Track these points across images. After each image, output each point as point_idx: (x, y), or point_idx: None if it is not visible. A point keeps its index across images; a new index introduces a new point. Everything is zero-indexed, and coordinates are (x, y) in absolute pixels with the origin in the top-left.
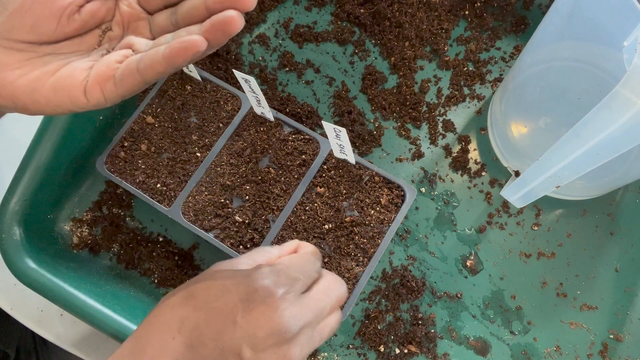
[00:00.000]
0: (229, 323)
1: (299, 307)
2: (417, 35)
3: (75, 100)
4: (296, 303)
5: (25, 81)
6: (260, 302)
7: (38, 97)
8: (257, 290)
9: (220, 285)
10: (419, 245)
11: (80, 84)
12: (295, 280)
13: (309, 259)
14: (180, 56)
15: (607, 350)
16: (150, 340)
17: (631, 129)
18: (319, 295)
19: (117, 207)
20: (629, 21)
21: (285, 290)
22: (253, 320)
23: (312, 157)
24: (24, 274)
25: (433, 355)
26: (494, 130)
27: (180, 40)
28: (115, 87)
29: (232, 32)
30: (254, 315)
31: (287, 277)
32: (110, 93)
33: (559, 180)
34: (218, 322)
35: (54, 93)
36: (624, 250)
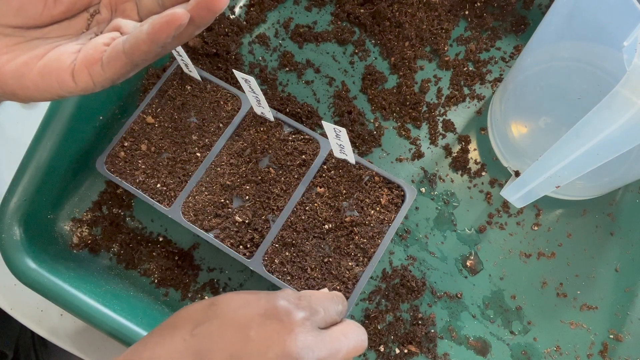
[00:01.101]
0: (242, 336)
1: (314, 338)
2: (417, 35)
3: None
4: (312, 333)
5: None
6: (277, 320)
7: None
8: (277, 308)
9: (242, 298)
10: (419, 245)
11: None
12: (316, 311)
13: (332, 297)
14: (163, 31)
15: (607, 350)
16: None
17: (631, 129)
18: (338, 335)
19: (117, 207)
20: (629, 21)
21: (305, 316)
22: (266, 338)
23: (312, 157)
24: (24, 274)
25: (433, 355)
26: (494, 130)
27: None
28: (102, 70)
29: (216, 9)
30: (268, 332)
31: (309, 305)
32: (98, 76)
33: (559, 180)
34: (232, 332)
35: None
36: (624, 250)
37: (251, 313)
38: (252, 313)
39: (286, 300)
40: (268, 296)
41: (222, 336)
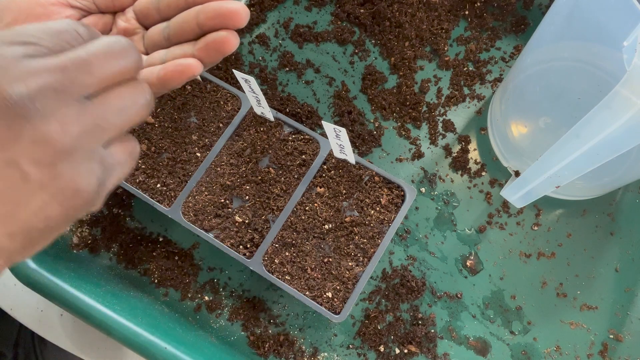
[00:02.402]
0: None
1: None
2: (417, 35)
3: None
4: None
5: None
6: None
7: None
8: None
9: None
10: (419, 245)
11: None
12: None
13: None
14: (175, 79)
15: (607, 350)
16: None
17: (631, 129)
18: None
19: (117, 207)
20: (629, 21)
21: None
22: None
23: (312, 157)
24: (24, 274)
25: (433, 355)
26: (494, 130)
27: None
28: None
29: (226, 52)
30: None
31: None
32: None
33: (559, 180)
34: None
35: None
36: (624, 250)
37: None
38: None
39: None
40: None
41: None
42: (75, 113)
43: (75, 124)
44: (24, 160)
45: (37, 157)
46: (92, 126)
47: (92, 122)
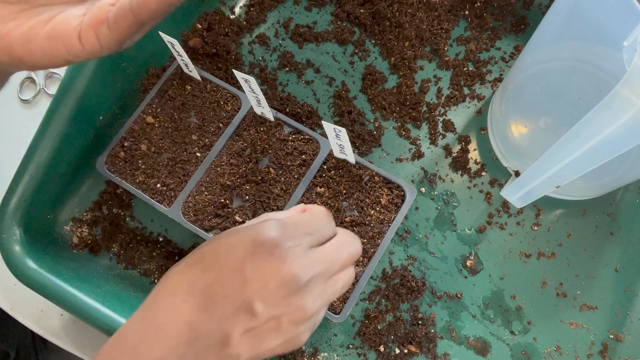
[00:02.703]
0: (238, 279)
1: (307, 259)
2: (417, 35)
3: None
4: (304, 255)
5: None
6: (267, 254)
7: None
8: (264, 242)
9: (225, 243)
10: (419, 245)
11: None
12: (304, 235)
13: (319, 216)
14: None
15: (607, 350)
16: (161, 306)
17: (631, 129)
18: (330, 250)
19: (117, 207)
20: (629, 21)
21: (293, 243)
22: (262, 273)
23: (312, 157)
24: (24, 274)
25: (433, 355)
26: (494, 130)
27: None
28: (109, 31)
29: None
30: (262, 268)
31: (295, 231)
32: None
33: (559, 180)
34: (227, 279)
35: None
36: (624, 250)
37: (240, 255)
38: (241, 255)
39: (272, 231)
40: (251, 233)
41: (221, 285)
42: (322, 291)
43: (320, 299)
44: (286, 318)
45: (294, 318)
46: (325, 301)
47: (327, 298)
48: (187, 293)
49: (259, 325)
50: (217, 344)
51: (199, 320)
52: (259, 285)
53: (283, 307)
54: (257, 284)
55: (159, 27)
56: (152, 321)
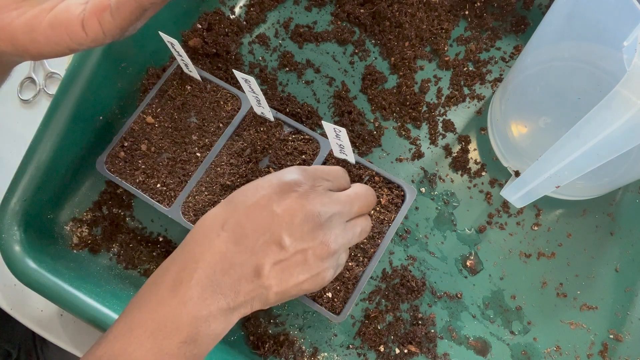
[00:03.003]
0: (267, 214)
1: (328, 198)
2: (417, 35)
3: (73, 35)
4: (326, 194)
5: (23, 20)
6: (292, 192)
7: (37, 36)
8: (288, 182)
9: (253, 186)
10: (419, 245)
11: (78, 17)
12: (323, 179)
13: (337, 170)
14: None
15: (607, 350)
16: (197, 241)
17: (631, 129)
18: (349, 193)
19: (117, 207)
20: (629, 21)
21: (314, 184)
22: (288, 208)
23: (312, 157)
24: (24, 274)
25: (433, 355)
26: (494, 130)
27: None
28: (112, 18)
29: None
30: (287, 204)
31: (315, 175)
32: (107, 24)
33: (559, 180)
34: (257, 214)
35: (52, 29)
36: (624, 250)
37: (268, 194)
38: (268, 193)
39: (294, 174)
40: (276, 176)
41: (251, 219)
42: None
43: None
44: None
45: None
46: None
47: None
48: (220, 228)
49: (287, 258)
50: (250, 274)
51: (232, 251)
52: (286, 220)
53: (308, 241)
54: (284, 219)
55: (159, 27)
56: (190, 254)
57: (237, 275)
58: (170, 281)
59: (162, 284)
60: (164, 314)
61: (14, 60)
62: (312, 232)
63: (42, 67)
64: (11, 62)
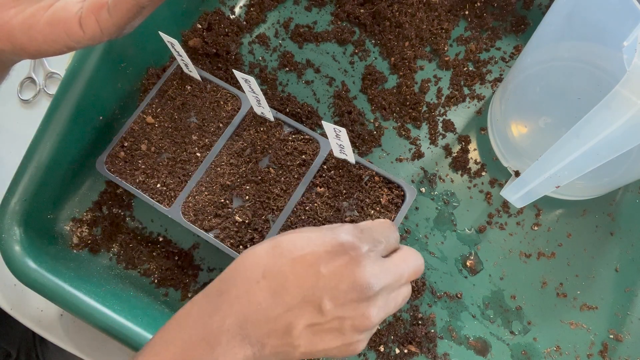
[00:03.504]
0: (312, 272)
1: (380, 267)
2: (417, 35)
3: (71, 33)
4: (378, 263)
5: (20, 18)
6: (344, 254)
7: (34, 34)
8: (342, 243)
9: (305, 237)
10: (419, 245)
11: (75, 15)
12: (378, 242)
13: (389, 226)
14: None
15: (607, 350)
16: (236, 282)
17: (631, 129)
18: (399, 262)
19: (117, 207)
20: (629, 21)
21: (369, 248)
22: (336, 272)
23: (312, 157)
24: (24, 274)
25: (433, 355)
26: (494, 130)
27: None
28: (109, 15)
29: None
30: (337, 267)
31: (371, 237)
32: (105, 22)
33: (559, 180)
34: (302, 270)
35: (50, 27)
36: (624, 250)
37: (318, 250)
38: (319, 250)
39: (350, 234)
40: (330, 232)
41: (295, 274)
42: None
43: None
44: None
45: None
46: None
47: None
48: (261, 274)
49: (322, 323)
50: (281, 330)
51: (268, 302)
52: (332, 284)
53: (350, 311)
54: (330, 282)
55: (159, 27)
56: (225, 296)
57: (268, 329)
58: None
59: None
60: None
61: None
62: (357, 302)
63: (42, 67)
64: (9, 60)
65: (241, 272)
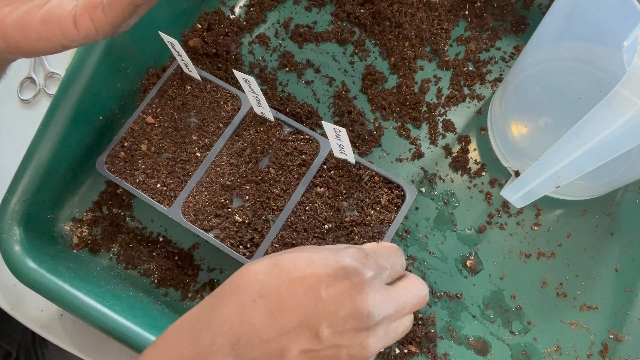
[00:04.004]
0: (311, 296)
1: (382, 296)
2: (417, 35)
3: (66, 31)
4: (381, 291)
5: (14, 17)
6: (346, 280)
7: (29, 32)
8: (345, 268)
9: (307, 257)
10: (419, 245)
11: (70, 14)
12: (382, 268)
13: (395, 251)
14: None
15: (607, 350)
16: (231, 299)
17: (631, 129)
18: (403, 291)
19: (117, 207)
20: (629, 21)
21: (373, 275)
22: (336, 298)
23: (312, 157)
24: (24, 274)
25: (433, 355)
26: (494, 130)
27: None
28: (104, 14)
29: None
30: (338, 292)
31: (375, 263)
32: (99, 21)
33: (559, 180)
34: (301, 292)
35: (44, 26)
36: (624, 250)
37: (319, 273)
38: (320, 273)
39: (354, 259)
40: (334, 255)
41: (293, 296)
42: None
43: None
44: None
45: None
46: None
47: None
48: (257, 293)
49: (318, 350)
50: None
51: (263, 324)
52: (331, 309)
53: (347, 339)
54: (329, 308)
55: (159, 27)
56: (219, 312)
57: (261, 352)
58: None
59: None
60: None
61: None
62: (355, 331)
63: (42, 67)
64: (4, 59)
65: (237, 289)
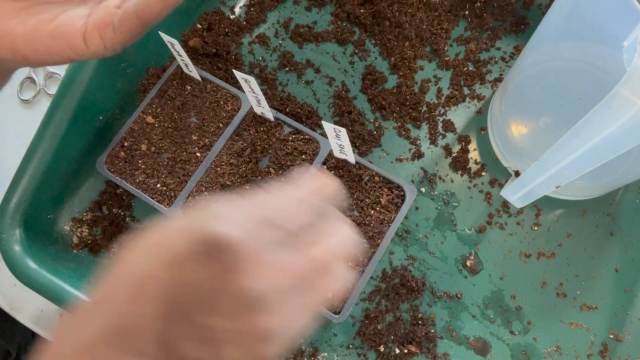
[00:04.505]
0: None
1: (272, 269)
2: (417, 35)
3: (75, 47)
4: (269, 263)
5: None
6: (216, 258)
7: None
8: (213, 240)
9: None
10: (419, 245)
11: (80, 30)
12: (274, 227)
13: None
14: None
15: (607, 350)
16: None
17: (631, 129)
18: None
19: (117, 207)
20: (629, 21)
21: (267, 240)
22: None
23: (312, 157)
24: (24, 274)
25: (433, 355)
26: (494, 130)
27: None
28: (114, 34)
29: None
30: (210, 276)
31: (264, 219)
32: (109, 40)
33: (559, 180)
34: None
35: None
36: (624, 250)
37: (190, 248)
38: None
39: (229, 228)
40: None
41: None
42: (289, 311)
43: (286, 322)
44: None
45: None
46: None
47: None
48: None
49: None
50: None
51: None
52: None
53: (239, 324)
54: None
55: (159, 27)
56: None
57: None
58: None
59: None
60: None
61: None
62: (244, 315)
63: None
64: (11, 68)
65: (117, 276)
